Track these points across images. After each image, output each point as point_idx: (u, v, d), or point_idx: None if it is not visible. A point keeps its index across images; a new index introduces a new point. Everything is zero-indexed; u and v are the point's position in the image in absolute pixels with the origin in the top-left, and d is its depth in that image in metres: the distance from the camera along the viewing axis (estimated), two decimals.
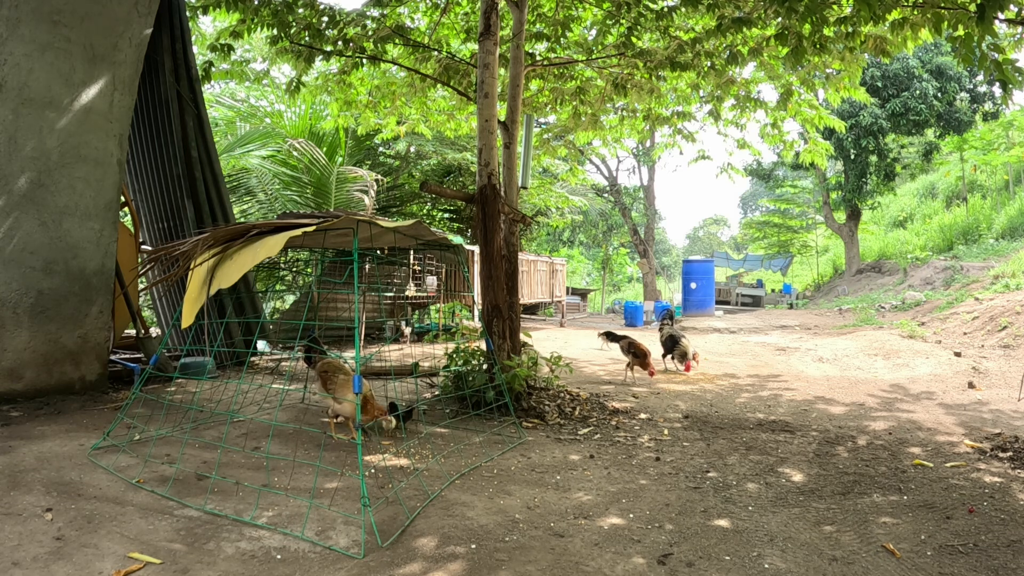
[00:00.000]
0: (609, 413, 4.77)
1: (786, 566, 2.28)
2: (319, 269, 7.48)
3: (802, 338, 10.28)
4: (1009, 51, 4.48)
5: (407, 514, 2.66)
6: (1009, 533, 2.59)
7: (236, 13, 5.63)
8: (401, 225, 3.39)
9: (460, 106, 8.18)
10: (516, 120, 5.51)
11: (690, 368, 6.75)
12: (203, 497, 2.76)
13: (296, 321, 8.40)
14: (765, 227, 30.47)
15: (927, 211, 25.41)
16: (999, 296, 9.45)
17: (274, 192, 12.23)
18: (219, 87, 14.06)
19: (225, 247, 3.19)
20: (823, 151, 8.20)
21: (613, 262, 33.60)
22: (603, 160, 24.54)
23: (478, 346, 4.96)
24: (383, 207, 14.12)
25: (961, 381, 6.25)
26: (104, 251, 5.11)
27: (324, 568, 2.18)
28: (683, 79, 7.22)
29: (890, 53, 5.47)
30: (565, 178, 15.74)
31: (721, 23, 5.18)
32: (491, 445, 3.84)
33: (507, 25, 6.38)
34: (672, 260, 47.67)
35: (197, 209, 6.96)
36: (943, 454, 3.79)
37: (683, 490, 3.11)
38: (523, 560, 2.29)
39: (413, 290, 9.99)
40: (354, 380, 2.75)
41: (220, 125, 13.18)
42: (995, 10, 3.63)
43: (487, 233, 4.83)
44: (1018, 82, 4.13)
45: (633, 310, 15.84)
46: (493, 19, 4.96)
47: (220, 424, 4.17)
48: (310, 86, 7.36)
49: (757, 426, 4.49)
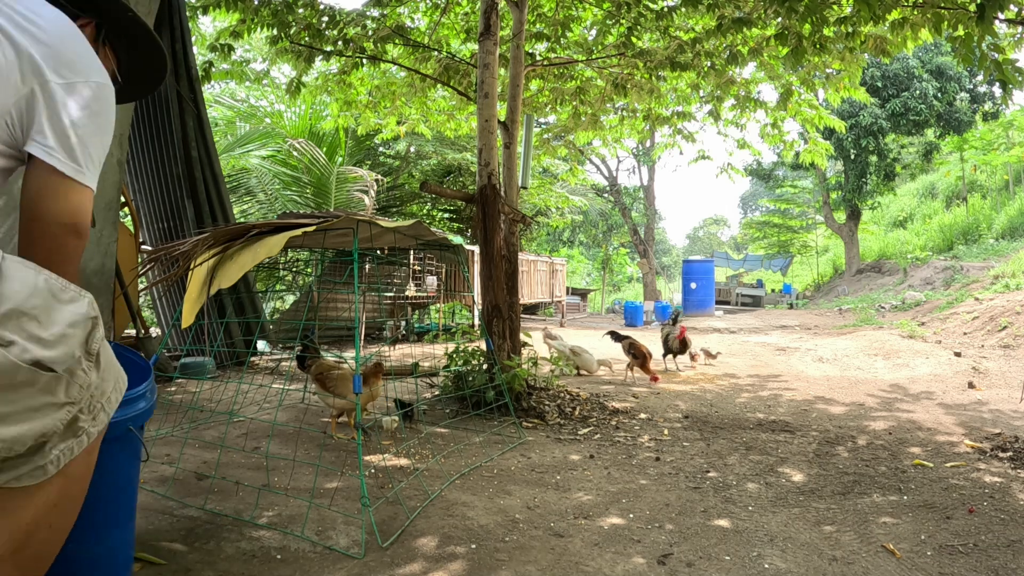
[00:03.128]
0: (609, 413, 4.78)
1: (786, 566, 2.28)
2: (319, 269, 7.48)
3: (802, 338, 10.28)
4: (1009, 51, 4.48)
5: (407, 514, 2.66)
6: (1009, 533, 2.59)
7: (236, 13, 5.63)
8: (401, 225, 3.39)
9: (460, 106, 8.18)
10: (516, 120, 5.51)
11: (697, 359, 6.76)
12: (203, 497, 2.76)
13: (296, 321, 8.40)
14: (765, 227, 30.47)
15: (927, 211, 25.41)
16: (999, 296, 9.45)
17: (274, 192, 12.23)
18: (219, 87, 14.08)
19: (225, 247, 3.19)
20: (823, 151, 8.20)
21: (613, 262, 33.60)
22: (603, 160, 24.56)
23: (478, 346, 4.96)
24: (383, 207, 14.12)
25: (961, 381, 6.25)
26: (104, 251, 5.11)
27: (324, 568, 2.18)
28: (683, 79, 7.22)
29: (890, 53, 5.47)
30: (565, 178, 15.74)
31: (721, 23, 5.18)
32: (491, 445, 3.84)
33: (507, 25, 6.38)
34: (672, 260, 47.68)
35: (197, 209, 6.96)
36: (943, 454, 3.79)
37: (683, 490, 3.11)
38: (523, 560, 2.29)
39: (413, 290, 9.99)
40: (354, 380, 2.75)
41: (220, 125, 13.18)
42: (995, 10, 3.63)
43: (487, 233, 4.83)
44: (1018, 82, 4.13)
45: (633, 310, 15.84)
46: (493, 19, 4.96)
47: (220, 424, 4.17)
48: (310, 86, 7.36)
49: (757, 426, 4.50)
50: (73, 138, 1.20)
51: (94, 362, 1.20)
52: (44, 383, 1.10)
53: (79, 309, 1.16)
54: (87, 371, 1.18)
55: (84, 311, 1.17)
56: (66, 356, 1.12)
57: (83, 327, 1.16)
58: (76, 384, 1.15)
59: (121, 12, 1.42)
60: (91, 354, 1.19)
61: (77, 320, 1.15)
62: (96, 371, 1.21)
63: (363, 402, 3.69)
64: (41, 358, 1.08)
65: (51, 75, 1.19)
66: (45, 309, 1.10)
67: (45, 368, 1.08)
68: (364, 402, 3.76)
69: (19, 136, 1.19)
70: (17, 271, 1.09)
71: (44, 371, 1.08)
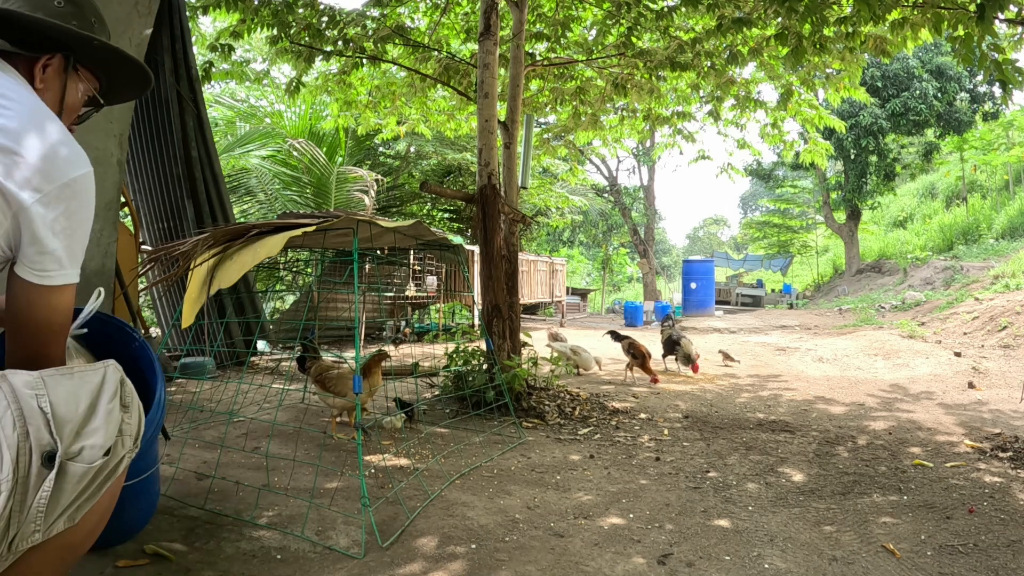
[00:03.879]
0: (609, 413, 4.77)
1: (786, 566, 2.28)
2: (319, 269, 7.49)
3: (802, 338, 10.28)
4: (1009, 51, 4.48)
5: (407, 514, 2.66)
6: (1009, 533, 2.59)
7: (236, 13, 5.63)
8: (401, 225, 3.39)
9: (460, 106, 8.18)
10: (516, 120, 5.51)
11: (697, 369, 6.73)
12: (203, 497, 2.76)
13: (296, 321, 8.40)
14: (765, 227, 30.48)
15: (927, 211, 25.41)
16: (999, 296, 9.45)
17: (274, 192, 12.23)
18: (219, 87, 14.07)
19: (225, 247, 3.19)
20: (823, 151, 8.20)
21: (613, 262, 33.61)
22: (603, 160, 24.55)
23: (478, 346, 4.96)
24: (383, 207, 14.12)
25: (961, 381, 6.25)
26: (104, 251, 5.11)
27: (324, 568, 2.18)
28: (683, 79, 7.22)
29: (890, 53, 5.47)
30: (565, 178, 15.75)
31: (721, 23, 5.18)
32: (491, 445, 3.84)
33: (507, 25, 6.38)
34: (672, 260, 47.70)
35: (197, 209, 6.96)
36: (943, 454, 3.79)
37: (683, 490, 3.11)
38: (523, 560, 2.29)
39: (413, 290, 10.00)
40: (354, 380, 2.75)
41: (220, 125, 13.19)
42: (995, 10, 3.63)
43: (487, 233, 4.83)
44: (1018, 82, 4.13)
45: (633, 310, 15.84)
46: (493, 19, 4.96)
47: (220, 424, 4.17)
48: (310, 86, 7.36)
49: (757, 426, 4.50)
50: (58, 249, 1.22)
51: (130, 411, 1.34)
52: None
53: (109, 387, 1.29)
54: (128, 422, 1.33)
55: (114, 378, 1.32)
56: (113, 431, 1.27)
57: (114, 395, 1.30)
58: (123, 438, 1.31)
59: (86, 44, 1.41)
60: (127, 407, 1.33)
61: (110, 395, 1.29)
62: (131, 413, 1.34)
63: (363, 393, 3.69)
64: (102, 445, 1.23)
65: (27, 197, 1.17)
66: (91, 407, 1.24)
67: (107, 452, 1.24)
68: (364, 394, 3.76)
69: (6, 251, 1.23)
70: (59, 390, 1.21)
71: (106, 454, 1.24)
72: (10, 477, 1.08)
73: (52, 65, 1.38)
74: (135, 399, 1.37)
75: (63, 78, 1.40)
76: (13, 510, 1.09)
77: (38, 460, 1.12)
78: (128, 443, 1.31)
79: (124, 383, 1.33)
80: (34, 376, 1.18)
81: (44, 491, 1.12)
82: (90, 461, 1.19)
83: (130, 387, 1.36)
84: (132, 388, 1.38)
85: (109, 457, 1.24)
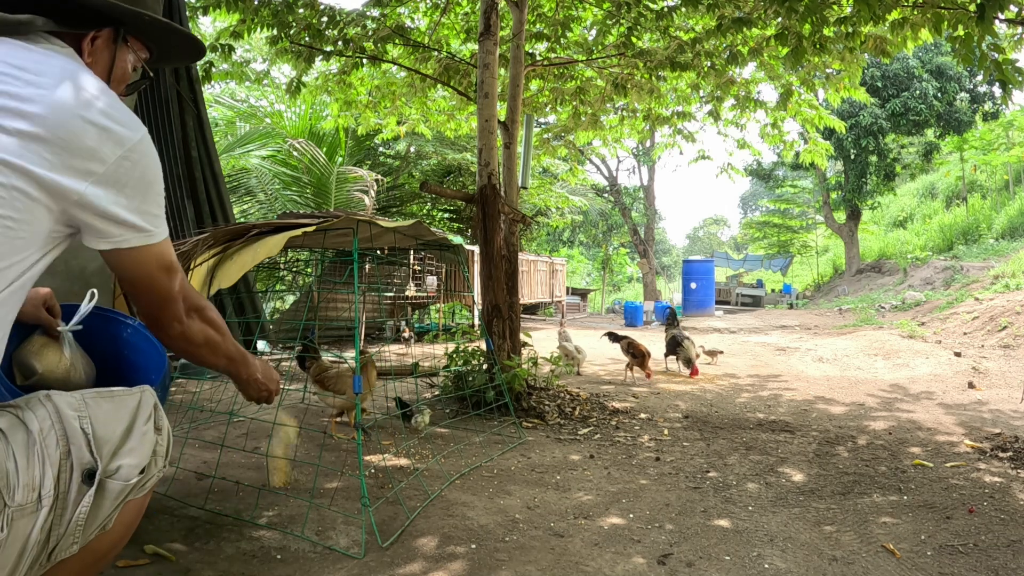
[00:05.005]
0: (609, 413, 4.78)
1: (786, 566, 2.28)
2: (319, 269, 7.49)
3: (802, 338, 10.28)
4: (1009, 51, 4.47)
5: (407, 514, 2.66)
6: (1009, 533, 2.59)
7: (236, 13, 5.62)
8: (401, 225, 3.39)
9: (460, 106, 8.18)
10: (516, 120, 5.51)
11: (696, 374, 6.73)
12: (203, 497, 2.76)
13: (296, 321, 8.40)
14: (765, 227, 30.50)
15: (927, 211, 25.42)
16: (999, 296, 9.46)
17: (274, 192, 12.23)
18: (219, 87, 14.06)
19: (225, 247, 3.19)
20: (823, 151, 8.20)
21: (613, 262, 33.62)
22: (603, 160, 24.56)
23: (478, 346, 4.96)
24: (383, 207, 14.13)
25: (961, 381, 6.25)
26: None
27: (324, 568, 2.18)
28: (683, 79, 7.21)
29: (890, 53, 5.47)
30: (565, 178, 15.74)
31: (721, 23, 5.18)
32: (491, 445, 3.84)
33: (507, 25, 6.38)
34: (672, 260, 47.71)
35: (197, 209, 6.97)
36: (943, 454, 3.79)
37: (683, 490, 3.11)
38: (523, 560, 2.29)
39: (413, 290, 10.00)
40: (354, 380, 2.75)
41: (220, 125, 13.19)
42: (995, 10, 3.63)
43: (487, 233, 4.83)
44: (1018, 82, 4.13)
45: (633, 310, 15.84)
46: (493, 19, 4.96)
47: (220, 424, 4.17)
48: (310, 86, 7.35)
49: (757, 426, 4.50)
50: (130, 216, 1.19)
51: (162, 433, 1.39)
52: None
53: (144, 410, 1.35)
54: (160, 443, 1.38)
55: (149, 402, 1.37)
56: (148, 451, 1.33)
57: (149, 418, 1.35)
58: (156, 458, 1.37)
59: (136, 18, 1.39)
60: (159, 430, 1.38)
61: (145, 417, 1.34)
62: (163, 435, 1.40)
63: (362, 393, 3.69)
64: (138, 465, 1.29)
65: (78, 183, 1.12)
66: (128, 429, 1.30)
67: (142, 471, 1.29)
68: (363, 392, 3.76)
69: (68, 229, 1.19)
70: (99, 412, 1.26)
71: (140, 472, 1.29)
72: (51, 492, 1.14)
73: (101, 37, 1.35)
74: (166, 422, 1.44)
75: (112, 49, 1.36)
76: (53, 523, 1.15)
77: (79, 477, 1.18)
78: (160, 463, 1.37)
79: (157, 407, 1.40)
80: (76, 397, 1.24)
81: (83, 506, 1.18)
82: (126, 479, 1.25)
83: (162, 412, 1.43)
84: (163, 413, 1.45)
85: (143, 476, 1.30)
